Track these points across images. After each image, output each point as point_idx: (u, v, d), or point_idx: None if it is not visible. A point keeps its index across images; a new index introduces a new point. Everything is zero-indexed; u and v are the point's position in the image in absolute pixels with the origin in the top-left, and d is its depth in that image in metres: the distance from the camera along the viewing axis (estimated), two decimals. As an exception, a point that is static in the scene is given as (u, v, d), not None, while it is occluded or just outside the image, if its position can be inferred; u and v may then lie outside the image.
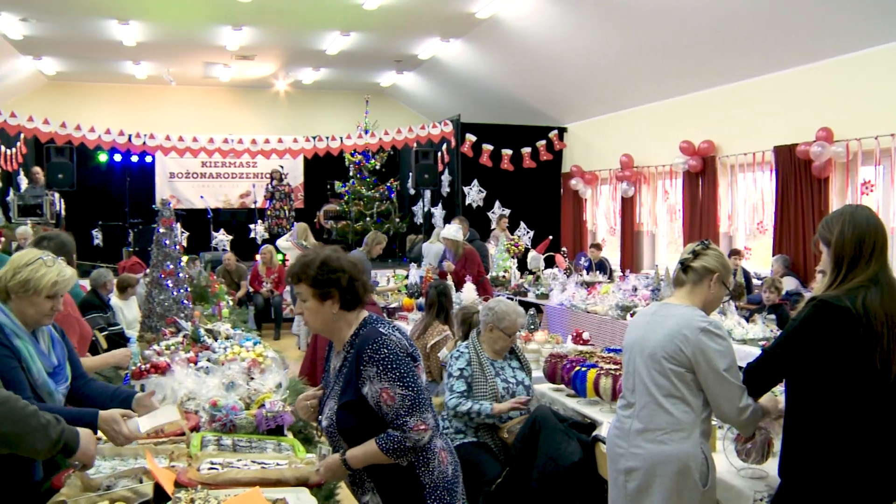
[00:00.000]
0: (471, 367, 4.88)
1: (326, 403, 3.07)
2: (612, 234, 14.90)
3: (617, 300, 9.08)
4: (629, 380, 3.46)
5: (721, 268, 3.38)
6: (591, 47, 12.22)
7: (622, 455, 3.39)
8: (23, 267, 3.25)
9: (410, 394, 2.86)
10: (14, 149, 14.43)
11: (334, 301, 2.98)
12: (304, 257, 3.04)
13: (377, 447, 2.87)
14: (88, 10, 12.43)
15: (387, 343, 2.89)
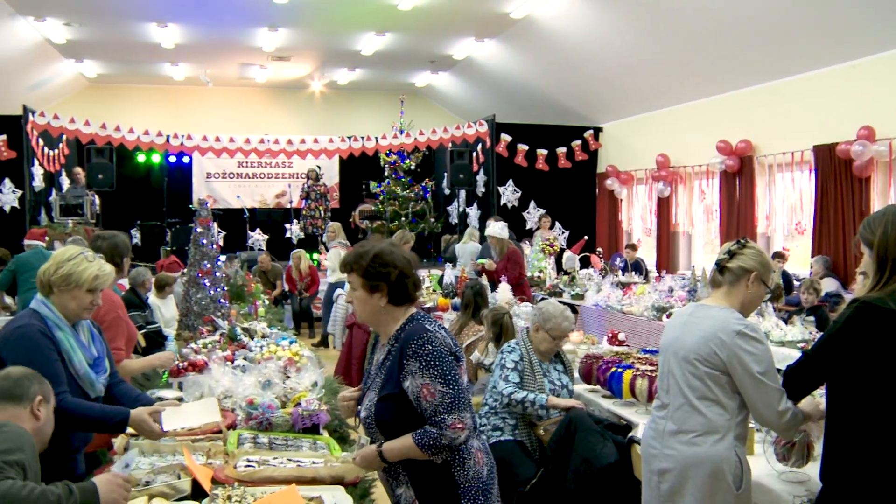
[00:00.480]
0: (523, 362, 4.91)
1: (367, 395, 3.08)
2: (647, 234, 14.79)
3: (653, 301, 9.01)
4: (664, 380, 3.43)
5: (759, 266, 3.31)
6: (627, 46, 12.14)
7: (655, 456, 3.36)
8: (65, 262, 3.34)
9: (451, 391, 2.86)
10: (57, 150, 14.66)
11: (382, 294, 3.00)
12: (361, 247, 3.08)
13: (413, 442, 2.87)
14: (129, 14, 12.61)
15: (431, 340, 2.91)
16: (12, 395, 2.73)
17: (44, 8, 12.24)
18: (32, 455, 2.64)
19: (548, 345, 4.96)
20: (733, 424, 3.21)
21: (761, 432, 3.80)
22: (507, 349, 5.00)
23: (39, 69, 15.43)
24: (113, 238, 4.60)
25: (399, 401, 2.93)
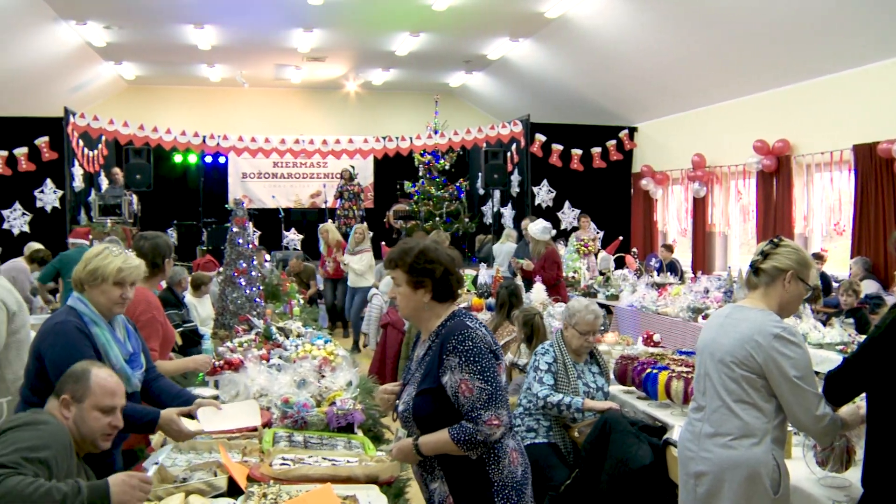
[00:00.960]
0: (556, 364, 4.89)
1: (405, 389, 3.11)
2: (683, 234, 14.67)
3: (688, 302, 8.93)
4: (700, 383, 3.39)
5: (794, 264, 3.25)
6: (662, 45, 12.05)
7: (692, 458, 3.32)
8: (92, 258, 3.43)
9: (488, 388, 2.88)
10: (96, 151, 14.87)
11: (426, 291, 3.04)
12: (406, 244, 3.11)
13: (449, 436, 2.89)
14: (166, 16, 12.76)
15: (472, 336, 2.93)
16: (55, 390, 2.84)
17: (85, 12, 12.44)
18: (64, 453, 2.67)
19: (578, 341, 4.92)
20: (770, 428, 3.17)
21: (799, 435, 3.74)
22: (542, 351, 4.98)
23: (80, 72, 15.68)
24: (155, 239, 4.63)
25: (437, 395, 2.95)
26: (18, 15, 11.68)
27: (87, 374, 2.91)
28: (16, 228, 13.45)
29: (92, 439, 2.90)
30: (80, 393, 2.87)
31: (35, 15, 12.01)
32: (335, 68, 17.13)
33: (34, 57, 13.52)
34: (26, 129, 13.48)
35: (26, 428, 2.63)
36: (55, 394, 2.87)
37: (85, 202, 14.66)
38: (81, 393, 2.87)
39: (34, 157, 13.47)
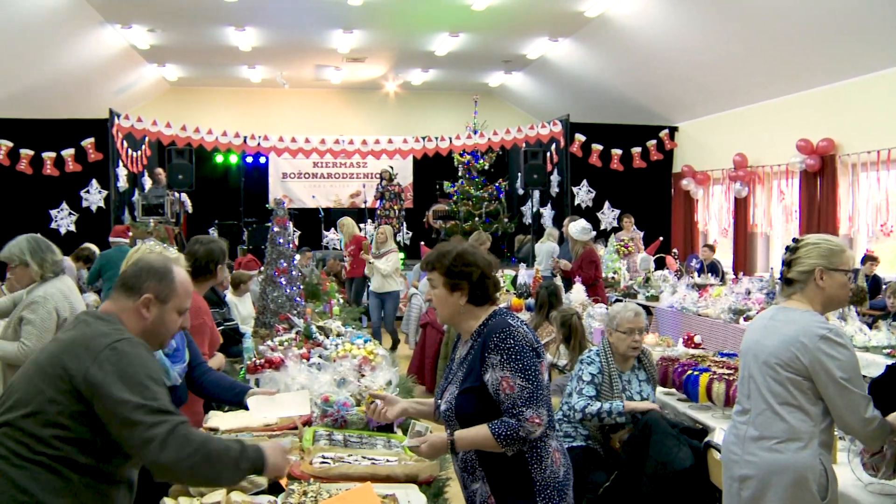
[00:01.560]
0: (601, 375, 4.79)
1: (447, 389, 3.10)
2: (724, 235, 14.51)
3: (729, 303, 8.84)
4: (744, 385, 3.34)
5: (819, 259, 3.18)
6: (704, 43, 11.92)
7: (736, 462, 3.27)
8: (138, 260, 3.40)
9: (530, 386, 2.87)
10: (139, 151, 15.08)
11: (463, 293, 3.03)
12: (444, 246, 3.13)
13: (489, 431, 2.87)
14: (208, 19, 12.92)
15: (514, 334, 2.92)
16: (126, 285, 2.60)
17: (130, 15, 12.66)
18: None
19: (623, 344, 4.81)
20: (817, 431, 3.11)
21: (844, 440, 3.67)
22: (587, 360, 4.88)
23: (125, 74, 15.94)
24: (209, 244, 4.66)
25: (480, 394, 2.94)
26: (66, 20, 11.92)
27: (171, 274, 2.68)
28: (63, 228, 13.68)
29: (161, 343, 2.74)
30: (166, 293, 2.63)
31: (82, 19, 12.24)
32: (375, 69, 17.20)
33: (81, 60, 13.79)
34: (73, 130, 13.71)
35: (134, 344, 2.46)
36: (126, 290, 2.60)
37: (129, 202, 14.88)
38: (167, 293, 2.63)
39: (80, 157, 13.70)
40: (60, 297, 4.51)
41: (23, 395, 2.35)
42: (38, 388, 2.33)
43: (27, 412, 2.31)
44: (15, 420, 2.32)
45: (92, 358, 2.33)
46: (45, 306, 4.44)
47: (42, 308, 4.43)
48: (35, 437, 2.29)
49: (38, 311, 4.43)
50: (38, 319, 4.42)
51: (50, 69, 13.38)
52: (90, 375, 2.31)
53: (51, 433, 2.30)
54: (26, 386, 2.37)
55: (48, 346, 2.49)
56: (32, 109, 13.67)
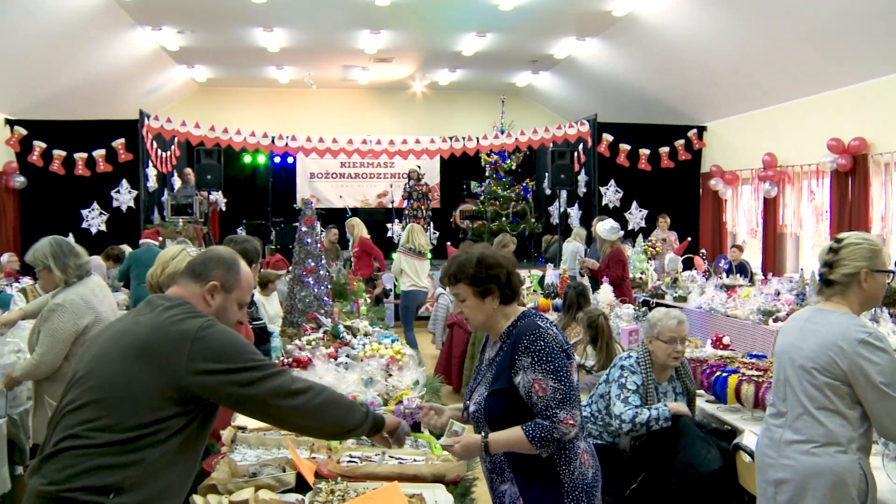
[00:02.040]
0: (644, 387, 4.58)
1: (476, 390, 3.09)
2: (753, 235, 14.38)
3: (758, 304, 8.77)
4: (780, 388, 3.29)
5: (864, 261, 3.13)
6: (733, 42, 11.82)
7: (771, 465, 3.23)
8: (169, 261, 3.43)
9: (562, 387, 2.86)
10: (169, 152, 15.22)
11: (494, 296, 3.02)
12: (458, 257, 3.07)
13: (523, 433, 2.86)
14: (237, 20, 13.02)
15: (543, 336, 2.91)
16: (194, 272, 2.65)
17: (160, 17, 12.79)
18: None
19: (664, 353, 4.58)
20: (857, 436, 3.06)
21: (878, 444, 3.61)
22: (630, 367, 4.63)
23: (154, 75, 16.09)
24: (244, 244, 4.65)
25: (510, 396, 2.94)
26: (97, 23, 12.06)
27: (237, 265, 2.73)
28: (93, 227, 13.82)
29: None
30: (231, 283, 2.68)
31: (113, 22, 12.38)
32: (402, 69, 17.23)
33: (112, 62, 13.95)
34: (104, 131, 13.85)
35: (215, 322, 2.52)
36: (194, 276, 2.64)
37: (158, 202, 15.02)
38: (232, 283, 2.68)
39: (111, 158, 13.84)
40: (81, 303, 4.44)
41: (106, 377, 2.38)
42: (124, 370, 2.37)
43: (111, 395, 2.34)
44: (97, 401, 2.34)
45: (190, 340, 2.39)
46: (62, 315, 4.38)
47: (57, 317, 4.38)
48: (118, 417, 2.32)
49: (53, 320, 4.38)
50: (52, 328, 4.37)
51: (81, 72, 13.55)
52: (192, 358, 2.36)
53: (134, 413, 2.33)
54: (108, 368, 2.39)
55: (128, 328, 2.49)
56: (65, 111, 13.85)
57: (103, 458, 2.27)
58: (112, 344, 2.46)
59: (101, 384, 2.37)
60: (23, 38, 11.14)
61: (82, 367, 2.46)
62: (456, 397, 8.51)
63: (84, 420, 2.32)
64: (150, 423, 2.33)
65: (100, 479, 2.25)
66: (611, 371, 4.74)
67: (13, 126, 13.48)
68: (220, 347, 2.40)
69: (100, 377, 2.39)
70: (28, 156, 13.51)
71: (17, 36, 10.99)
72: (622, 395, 4.54)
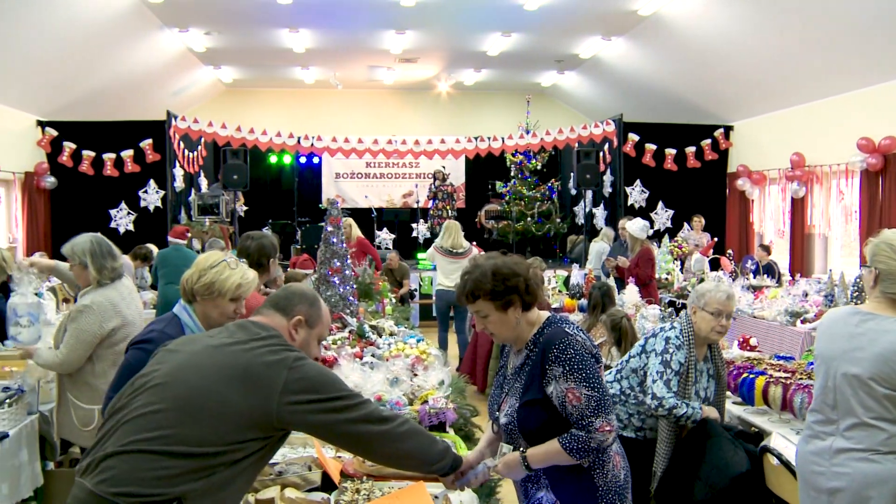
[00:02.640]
0: (686, 365, 4.32)
1: (505, 401, 3.03)
2: (780, 236, 14.27)
3: (786, 305, 8.69)
4: (828, 395, 3.16)
5: None
6: (760, 40, 11.73)
7: (822, 474, 3.13)
8: (207, 269, 3.29)
9: (596, 394, 2.81)
10: (195, 152, 15.34)
11: (516, 306, 2.92)
12: (471, 273, 2.96)
13: (560, 447, 2.83)
14: (263, 21, 13.11)
15: (573, 343, 2.85)
16: (278, 305, 2.68)
17: (187, 19, 12.90)
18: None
19: (709, 325, 4.35)
20: None
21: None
22: (675, 341, 4.35)
23: (181, 76, 16.23)
24: (260, 239, 4.64)
25: (543, 406, 2.89)
26: (126, 25, 12.19)
27: (319, 302, 2.80)
28: (121, 227, 13.96)
29: None
30: (314, 319, 2.74)
31: (141, 24, 12.51)
32: (427, 69, 17.26)
33: (140, 64, 14.09)
34: (132, 132, 13.99)
35: (315, 363, 2.57)
36: (278, 310, 2.68)
37: (185, 202, 15.14)
38: (315, 319, 2.74)
39: (139, 158, 13.97)
40: (108, 306, 4.43)
41: (196, 391, 2.37)
42: (217, 388, 2.37)
43: (199, 409, 2.34)
44: (180, 410, 2.34)
45: (286, 369, 2.41)
46: (88, 317, 4.38)
47: (84, 318, 4.38)
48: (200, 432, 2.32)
49: (79, 321, 4.38)
50: (77, 329, 4.37)
51: (110, 74, 13.70)
52: (286, 389, 2.38)
53: (217, 432, 2.33)
54: (199, 383, 2.39)
55: (222, 346, 2.50)
56: (94, 112, 14.01)
57: (174, 469, 2.27)
58: (205, 358, 2.46)
59: (189, 396, 2.36)
60: (53, 42, 11.29)
61: (161, 373, 2.45)
62: (480, 397, 8.51)
63: (161, 426, 2.32)
64: (230, 443, 2.34)
65: (164, 488, 2.26)
66: (648, 340, 4.46)
67: (44, 127, 13.66)
68: (312, 379, 2.43)
69: (188, 388, 2.38)
70: (58, 156, 13.69)
71: (48, 39, 11.13)
72: (665, 374, 4.27)
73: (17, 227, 13.02)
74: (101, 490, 2.27)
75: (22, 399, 4.55)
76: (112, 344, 4.42)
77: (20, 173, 13.04)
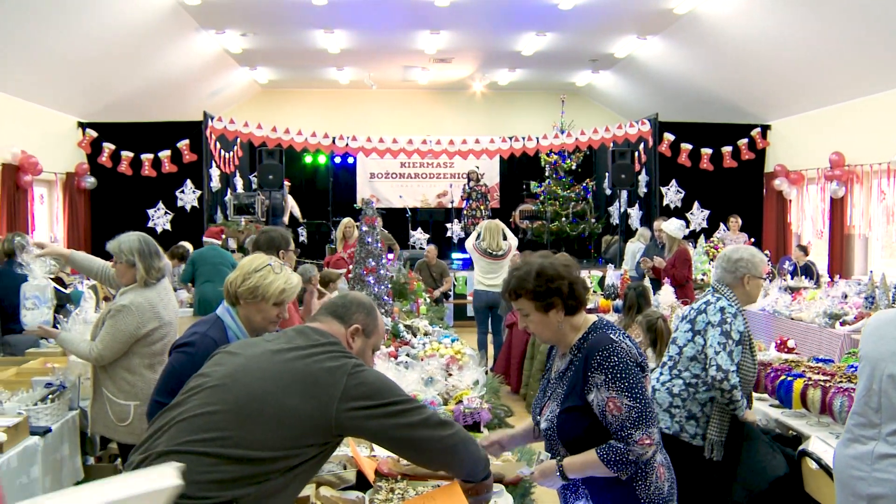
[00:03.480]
0: (744, 333, 4.15)
1: (547, 406, 2.98)
2: (818, 237, 14.08)
3: (825, 307, 8.57)
4: (872, 398, 3.10)
5: None
6: (798, 37, 11.58)
7: (863, 479, 3.06)
8: (252, 273, 3.29)
9: (638, 405, 2.73)
10: (231, 152, 15.48)
11: (558, 309, 2.87)
12: (517, 270, 2.93)
13: (598, 458, 2.76)
14: (298, 22, 13.20)
15: (617, 351, 2.77)
16: (336, 313, 2.69)
17: (224, 21, 13.03)
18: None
19: (759, 289, 4.33)
20: None
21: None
22: (730, 309, 4.18)
23: (218, 77, 16.40)
24: (269, 232, 4.74)
25: (583, 413, 2.83)
26: (164, 27, 12.35)
27: (375, 311, 2.80)
28: (159, 227, 14.13)
29: None
30: (371, 328, 2.75)
31: (179, 26, 12.66)
32: (461, 69, 17.26)
33: (177, 66, 14.26)
34: (169, 132, 14.16)
35: (374, 370, 2.60)
36: (336, 318, 2.70)
37: (221, 202, 15.29)
38: (372, 328, 2.76)
39: (176, 159, 14.14)
40: (147, 307, 4.45)
41: (256, 394, 2.38)
42: (277, 393, 2.38)
43: (259, 412, 2.34)
44: (238, 412, 2.35)
45: (345, 376, 2.42)
46: (126, 317, 4.39)
47: (122, 317, 4.39)
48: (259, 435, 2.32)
49: (117, 320, 4.39)
50: (114, 327, 4.38)
51: (148, 75, 13.88)
52: (345, 396, 2.38)
53: (277, 436, 2.33)
54: (259, 386, 2.39)
55: (281, 351, 2.50)
56: (133, 113, 14.20)
57: (229, 473, 2.28)
58: (264, 362, 2.47)
59: (248, 399, 2.37)
60: (93, 45, 11.46)
61: (219, 375, 2.47)
62: (514, 398, 8.50)
63: (220, 427, 2.33)
64: (288, 449, 2.34)
65: (217, 491, 2.26)
66: (696, 320, 4.27)
67: (85, 129, 13.88)
68: (371, 385, 2.44)
69: (248, 392, 2.39)
70: (98, 157, 13.90)
71: (88, 43, 11.31)
72: (727, 346, 4.06)
73: (59, 227, 13.23)
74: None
75: (63, 395, 4.64)
76: (149, 343, 4.46)
77: (61, 174, 13.24)
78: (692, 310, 4.35)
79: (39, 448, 4.24)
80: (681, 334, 4.32)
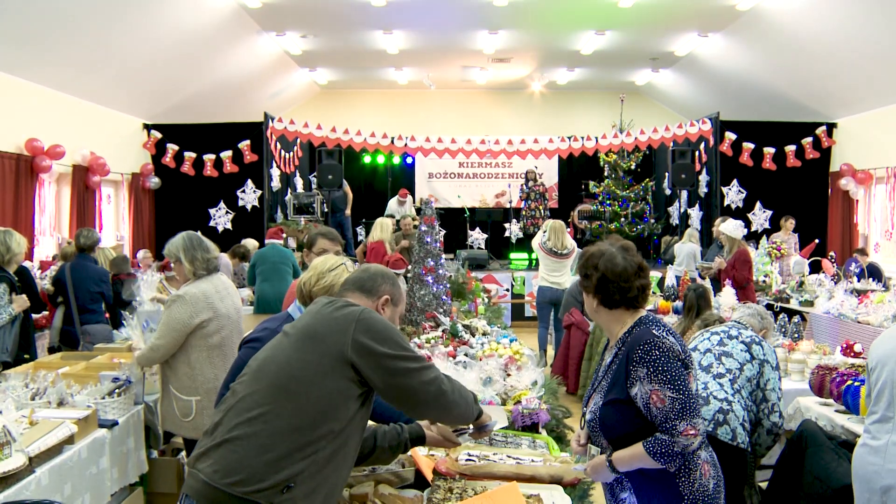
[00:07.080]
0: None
1: (592, 397, 3.04)
2: (887, 238, 13.72)
3: (893, 311, 8.34)
4: (884, 393, 3.17)
5: None
6: (865, 32, 11.29)
7: (877, 472, 3.08)
8: (326, 272, 3.35)
9: (681, 397, 2.76)
10: (291, 152, 15.67)
11: (592, 297, 3.01)
12: (585, 252, 3.09)
13: (644, 451, 2.79)
14: (357, 24, 13.32)
15: (659, 345, 2.82)
16: (363, 287, 2.82)
17: (284, 23, 13.22)
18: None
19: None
20: None
21: None
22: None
23: (278, 79, 16.62)
24: (316, 230, 4.94)
25: (626, 406, 2.86)
26: (226, 30, 12.58)
27: (398, 281, 2.94)
28: (220, 226, 14.37)
29: None
30: (398, 297, 2.90)
31: (241, 29, 12.87)
32: (520, 69, 17.22)
33: (239, 68, 14.50)
34: (231, 133, 14.39)
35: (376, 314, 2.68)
36: (364, 292, 2.82)
37: (281, 201, 15.48)
38: (398, 297, 2.90)
39: (237, 159, 14.36)
40: (201, 297, 4.56)
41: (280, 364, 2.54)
42: (298, 354, 2.53)
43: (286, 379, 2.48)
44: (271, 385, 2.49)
45: (354, 320, 2.55)
46: (180, 306, 4.52)
47: (176, 307, 4.52)
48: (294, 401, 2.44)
49: (171, 309, 4.53)
50: (169, 317, 4.53)
51: (211, 78, 14.14)
52: (356, 335, 2.51)
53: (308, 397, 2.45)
54: (283, 355, 2.55)
55: (307, 323, 2.64)
56: (195, 115, 14.49)
57: (278, 448, 2.38)
58: (290, 337, 2.62)
59: (276, 372, 2.52)
60: (158, 49, 11.72)
61: (256, 361, 2.62)
62: (573, 398, 8.46)
63: (259, 404, 2.45)
64: (325, 407, 2.45)
65: (273, 473, 2.35)
66: (752, 348, 4.46)
67: (150, 130, 14.19)
68: (380, 329, 2.55)
69: (276, 366, 2.54)
70: (162, 158, 14.19)
71: (153, 47, 11.57)
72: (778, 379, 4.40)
73: (125, 226, 13.54)
74: (215, 480, 2.37)
75: (129, 389, 4.76)
76: (205, 336, 4.56)
77: (127, 174, 13.56)
78: (736, 329, 4.58)
79: (107, 440, 4.36)
80: (737, 353, 4.42)
